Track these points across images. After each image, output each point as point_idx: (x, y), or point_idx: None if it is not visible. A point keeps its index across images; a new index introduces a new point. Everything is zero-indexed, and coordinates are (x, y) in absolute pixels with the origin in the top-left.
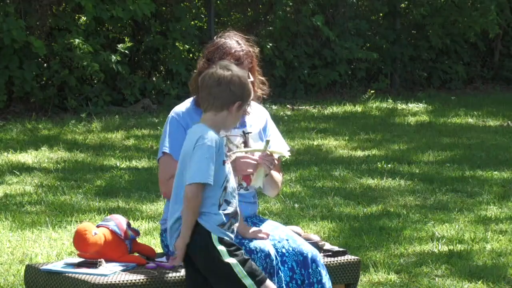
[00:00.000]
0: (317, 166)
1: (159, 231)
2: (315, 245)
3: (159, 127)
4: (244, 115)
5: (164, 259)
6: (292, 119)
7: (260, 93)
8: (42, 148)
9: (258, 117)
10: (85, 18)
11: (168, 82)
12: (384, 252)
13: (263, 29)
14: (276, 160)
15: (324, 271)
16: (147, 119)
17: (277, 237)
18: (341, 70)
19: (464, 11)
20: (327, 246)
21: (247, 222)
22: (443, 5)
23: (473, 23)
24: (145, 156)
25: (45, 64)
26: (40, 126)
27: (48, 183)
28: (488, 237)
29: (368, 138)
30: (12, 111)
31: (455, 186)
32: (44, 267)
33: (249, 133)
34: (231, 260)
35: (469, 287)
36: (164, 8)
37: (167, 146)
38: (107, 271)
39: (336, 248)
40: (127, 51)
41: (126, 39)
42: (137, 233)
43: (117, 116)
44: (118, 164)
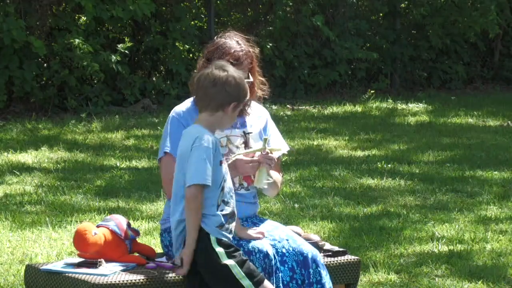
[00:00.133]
0: (317, 166)
1: (159, 231)
2: (315, 245)
3: (159, 127)
4: (245, 115)
5: (164, 259)
6: (292, 119)
7: (260, 93)
8: (42, 148)
9: (258, 117)
10: (85, 18)
11: (168, 82)
12: (384, 252)
13: (263, 29)
14: (275, 158)
15: (324, 271)
16: (147, 119)
17: (277, 237)
18: (341, 70)
19: (464, 11)
20: (327, 246)
21: (247, 222)
22: (443, 5)
23: (473, 23)
24: (145, 156)
25: (45, 64)
26: (40, 126)
27: (48, 183)
28: (488, 237)
29: (368, 138)
30: (12, 111)
31: (455, 186)
32: (44, 267)
33: (249, 133)
34: (229, 262)
35: (469, 287)
36: (164, 8)
37: (168, 146)
38: (107, 271)
39: (336, 248)
40: (127, 51)
41: (126, 39)
42: (137, 233)
43: (117, 116)
44: (118, 164)
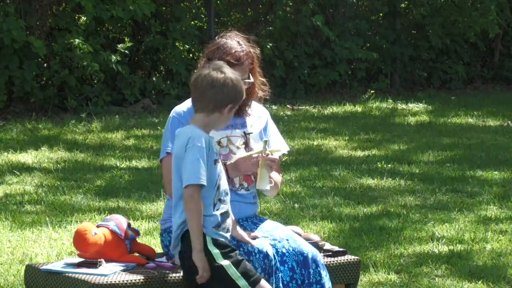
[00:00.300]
0: (317, 166)
1: (159, 231)
2: (315, 245)
3: (159, 127)
4: (245, 116)
5: (164, 259)
6: (292, 119)
7: (261, 94)
8: (42, 148)
9: (258, 118)
10: (85, 18)
11: (168, 82)
12: (384, 252)
13: (263, 29)
14: (277, 158)
15: (324, 271)
16: (147, 119)
17: (277, 237)
18: (341, 70)
19: (464, 11)
20: (327, 246)
21: (247, 221)
22: (443, 5)
23: (473, 23)
24: (145, 156)
25: (45, 64)
26: (40, 126)
27: (48, 183)
28: (488, 237)
29: (368, 138)
30: (12, 111)
31: (455, 186)
32: (44, 267)
33: (250, 133)
34: (224, 262)
35: (469, 287)
36: (164, 8)
37: (169, 146)
38: (107, 271)
39: (336, 248)
40: (127, 51)
41: (126, 39)
42: (137, 233)
43: (117, 116)
44: (118, 164)
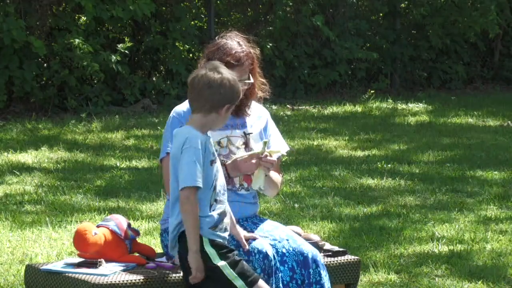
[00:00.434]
0: (317, 166)
1: (159, 231)
2: (315, 245)
3: (159, 127)
4: (245, 116)
5: (164, 259)
6: (292, 119)
7: (261, 94)
8: (42, 148)
9: (258, 118)
10: (85, 18)
11: (168, 82)
12: (384, 252)
13: (263, 29)
14: (275, 160)
15: (324, 271)
16: (147, 119)
17: (277, 237)
18: (341, 70)
19: (464, 11)
20: (327, 246)
21: (247, 221)
22: (443, 5)
23: (473, 23)
24: (145, 156)
25: (45, 64)
26: (40, 126)
27: (48, 183)
28: (488, 237)
29: (368, 138)
30: (12, 111)
31: (455, 186)
32: (44, 267)
33: (250, 133)
34: (220, 263)
35: (469, 287)
36: (164, 8)
37: (170, 146)
38: (107, 271)
39: (336, 248)
40: (127, 51)
41: (126, 39)
42: (137, 233)
43: (117, 116)
44: (118, 164)
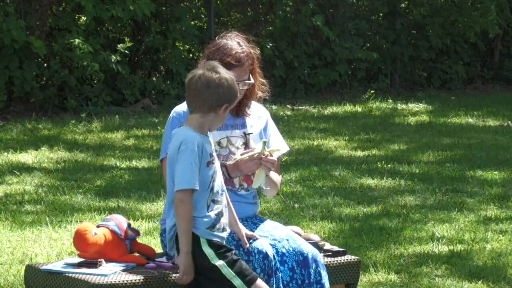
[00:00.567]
0: (317, 166)
1: (159, 231)
2: (315, 245)
3: (159, 127)
4: (245, 116)
5: (164, 259)
6: (292, 119)
7: (260, 94)
8: (42, 148)
9: (258, 118)
10: (85, 18)
11: (168, 82)
12: (384, 252)
13: (263, 29)
14: (275, 159)
15: (324, 271)
16: (147, 119)
17: (277, 237)
18: (341, 70)
19: (464, 11)
20: (327, 246)
21: (247, 222)
22: (443, 5)
23: (473, 23)
24: (145, 156)
25: (45, 64)
26: (40, 126)
27: (48, 183)
28: (488, 237)
29: (368, 138)
30: (12, 111)
31: (455, 186)
32: (44, 267)
33: (250, 134)
34: (218, 263)
35: (469, 287)
36: (164, 8)
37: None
38: (107, 271)
39: (336, 248)
40: (127, 51)
41: (126, 39)
42: (137, 233)
43: (117, 116)
44: (118, 164)
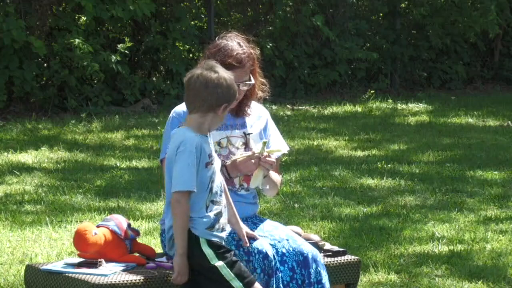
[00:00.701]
0: (317, 166)
1: (159, 231)
2: (315, 245)
3: (159, 127)
4: (245, 116)
5: (164, 259)
6: (292, 119)
7: (260, 94)
8: (42, 148)
9: (258, 118)
10: (85, 18)
11: (168, 82)
12: (384, 252)
13: (263, 29)
14: (275, 159)
15: (324, 271)
16: (147, 119)
17: (277, 237)
18: (341, 70)
19: (464, 11)
20: (327, 246)
21: (247, 222)
22: (443, 5)
23: (473, 23)
24: (145, 156)
25: (45, 64)
26: (40, 126)
27: (48, 183)
28: (488, 237)
29: (368, 138)
30: (12, 111)
31: (455, 186)
32: (44, 267)
33: (250, 134)
34: (218, 263)
35: (469, 287)
36: (164, 8)
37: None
38: (107, 271)
39: (336, 248)
40: (127, 51)
41: (126, 39)
42: (137, 233)
43: (117, 116)
44: (118, 164)
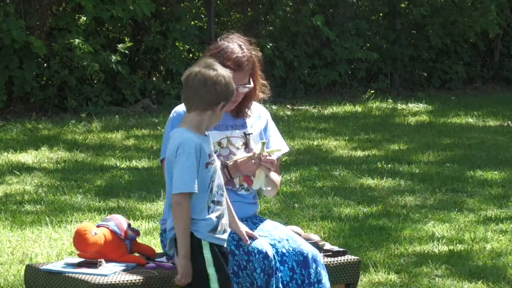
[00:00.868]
0: (317, 166)
1: (159, 231)
2: (315, 245)
3: (159, 127)
4: (245, 117)
5: (164, 259)
6: (292, 119)
7: (261, 95)
8: (42, 148)
9: (258, 118)
10: (85, 18)
11: (168, 82)
12: (384, 252)
13: (263, 29)
14: (275, 160)
15: (324, 271)
16: (147, 119)
17: (277, 237)
18: (341, 70)
19: (464, 11)
20: (327, 246)
21: (246, 222)
22: (443, 5)
23: (473, 23)
24: (145, 156)
25: (45, 64)
26: (40, 126)
27: (48, 183)
28: (488, 237)
29: (368, 138)
30: (12, 111)
31: (455, 186)
32: (44, 267)
33: (250, 134)
34: (211, 272)
35: (469, 287)
36: (164, 8)
37: None
38: (107, 271)
39: (336, 248)
40: (127, 51)
41: (126, 39)
42: (137, 233)
43: (117, 116)
44: (118, 164)
